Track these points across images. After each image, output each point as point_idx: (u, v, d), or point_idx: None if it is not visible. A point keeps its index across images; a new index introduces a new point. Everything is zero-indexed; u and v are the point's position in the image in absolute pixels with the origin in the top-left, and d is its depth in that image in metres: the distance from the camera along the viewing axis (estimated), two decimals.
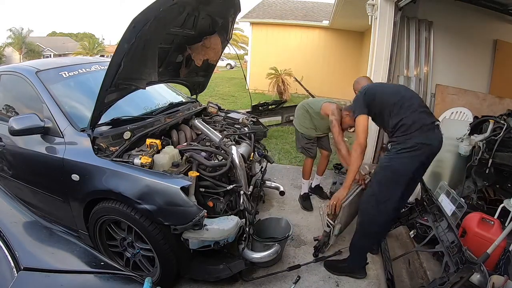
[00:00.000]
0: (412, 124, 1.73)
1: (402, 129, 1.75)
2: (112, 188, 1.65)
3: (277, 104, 5.93)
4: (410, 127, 1.73)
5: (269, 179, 2.98)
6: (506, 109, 2.76)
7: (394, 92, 1.94)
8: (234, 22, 2.52)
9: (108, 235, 1.88)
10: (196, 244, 1.63)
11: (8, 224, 1.10)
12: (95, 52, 27.42)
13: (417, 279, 2.05)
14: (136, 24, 1.52)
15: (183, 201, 1.54)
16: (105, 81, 1.63)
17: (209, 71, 2.89)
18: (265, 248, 1.94)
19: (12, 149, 2.06)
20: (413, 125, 1.73)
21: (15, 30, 27.90)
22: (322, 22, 10.09)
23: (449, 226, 1.77)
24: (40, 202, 2.05)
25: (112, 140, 1.83)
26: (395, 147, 1.77)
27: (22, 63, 2.47)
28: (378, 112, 1.92)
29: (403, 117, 1.76)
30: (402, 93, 1.89)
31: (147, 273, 1.85)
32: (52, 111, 1.90)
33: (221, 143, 2.13)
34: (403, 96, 1.86)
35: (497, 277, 1.50)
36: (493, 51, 4.03)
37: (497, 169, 2.25)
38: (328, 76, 10.03)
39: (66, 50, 30.38)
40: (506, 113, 2.42)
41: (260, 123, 3.11)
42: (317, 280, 2.03)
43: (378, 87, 2.11)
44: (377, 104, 1.90)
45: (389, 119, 1.83)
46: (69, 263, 1.05)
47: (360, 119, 1.89)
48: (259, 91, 10.31)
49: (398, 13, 3.56)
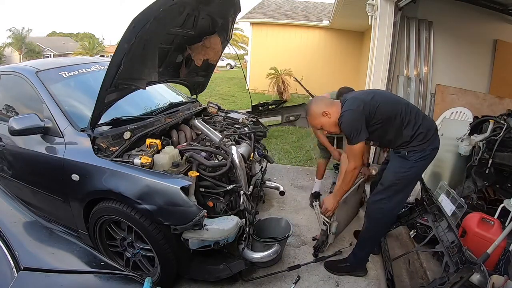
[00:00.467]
0: (428, 131, 1.72)
1: (420, 137, 1.71)
2: (112, 188, 1.65)
3: (277, 104, 5.93)
4: (427, 135, 1.71)
5: (269, 179, 2.98)
6: (506, 109, 2.77)
7: (393, 100, 1.81)
8: (234, 22, 2.52)
9: (108, 235, 1.88)
10: (196, 244, 1.63)
11: (8, 224, 1.10)
12: (95, 52, 27.42)
13: (417, 279, 2.05)
14: (136, 24, 1.51)
15: (183, 201, 1.54)
16: (105, 81, 1.63)
17: (209, 71, 2.89)
18: (265, 248, 1.94)
19: (12, 149, 2.06)
20: (429, 132, 1.72)
21: (15, 30, 27.93)
22: (322, 22, 10.10)
23: (449, 226, 1.77)
24: (40, 202, 2.05)
25: (112, 140, 1.83)
26: (414, 155, 1.72)
27: (22, 63, 2.47)
28: (383, 123, 1.72)
29: (419, 126, 1.71)
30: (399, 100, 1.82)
31: (147, 273, 1.84)
32: (52, 111, 1.90)
33: (221, 143, 2.13)
34: (405, 104, 1.78)
35: (497, 277, 1.50)
36: (493, 51, 4.02)
37: (497, 169, 2.25)
38: (328, 76, 10.02)
39: (66, 50, 30.38)
40: (506, 113, 2.42)
41: (260, 123, 3.11)
42: (317, 280, 2.03)
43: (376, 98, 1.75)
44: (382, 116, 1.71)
45: (402, 129, 1.72)
46: (69, 263, 1.05)
47: (359, 145, 1.70)
48: (259, 91, 10.32)
49: (398, 13, 3.56)
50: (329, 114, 1.76)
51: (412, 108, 1.78)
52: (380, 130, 1.75)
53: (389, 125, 1.73)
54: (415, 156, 1.72)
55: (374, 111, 1.69)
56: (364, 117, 1.68)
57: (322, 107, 1.78)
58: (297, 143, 4.95)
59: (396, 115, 1.71)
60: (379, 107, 1.70)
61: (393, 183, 1.79)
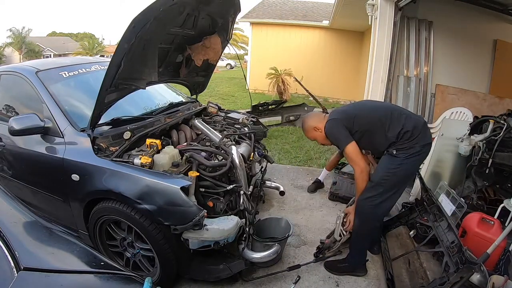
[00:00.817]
0: (414, 129, 1.75)
1: (406, 136, 1.75)
2: (112, 188, 1.65)
3: (277, 104, 5.92)
4: (413, 132, 1.75)
5: (269, 179, 2.98)
6: (506, 109, 2.77)
7: (372, 107, 1.94)
8: (234, 22, 2.52)
9: (108, 235, 1.88)
10: (196, 244, 1.63)
11: (8, 224, 1.10)
12: (95, 52, 27.42)
13: (417, 279, 2.05)
14: (136, 24, 1.51)
15: (183, 201, 1.54)
16: (105, 81, 1.63)
17: (209, 71, 2.89)
18: (265, 248, 1.94)
19: (12, 149, 2.06)
20: (415, 130, 1.75)
21: (15, 30, 27.94)
22: (322, 22, 10.09)
23: (449, 226, 1.77)
24: (40, 202, 2.05)
25: (112, 140, 1.83)
26: (404, 153, 1.76)
27: (22, 63, 2.47)
28: (365, 131, 1.83)
29: (403, 125, 1.76)
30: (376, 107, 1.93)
31: (147, 273, 1.84)
32: (52, 111, 1.90)
33: (221, 143, 2.13)
34: (386, 108, 1.88)
35: (497, 277, 1.50)
36: (493, 51, 4.03)
37: (497, 169, 2.25)
38: (328, 76, 10.03)
39: (66, 50, 30.39)
40: (506, 113, 2.41)
41: (260, 123, 3.11)
42: (317, 280, 2.03)
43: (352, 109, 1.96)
44: (361, 124, 1.82)
45: (385, 132, 1.79)
46: (69, 263, 1.05)
47: (350, 148, 1.78)
48: (259, 91, 10.32)
49: (398, 13, 3.56)
50: (319, 129, 1.93)
51: (394, 111, 1.83)
52: (365, 137, 1.85)
53: (371, 132, 1.83)
54: (404, 154, 1.77)
55: (352, 121, 1.83)
56: (343, 125, 1.82)
57: (314, 123, 1.96)
58: (297, 143, 4.95)
59: (375, 123, 1.82)
60: (356, 118, 1.84)
61: (382, 179, 1.81)
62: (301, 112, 5.92)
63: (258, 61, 10.68)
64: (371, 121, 1.83)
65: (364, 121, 1.84)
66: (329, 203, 3.06)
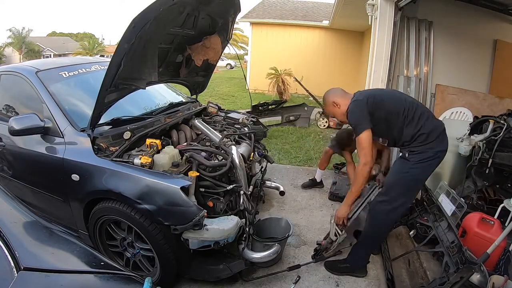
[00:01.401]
0: (430, 133, 1.71)
1: (421, 139, 1.71)
2: (112, 188, 1.65)
3: (277, 104, 5.94)
4: (428, 136, 1.70)
5: (269, 179, 2.98)
6: (506, 109, 2.77)
7: (397, 98, 1.85)
8: (234, 22, 2.53)
9: (108, 235, 1.88)
10: (196, 244, 1.63)
11: (8, 224, 1.10)
12: (95, 52, 27.41)
13: (417, 279, 2.05)
14: (136, 24, 1.52)
15: (183, 201, 1.54)
16: (105, 81, 1.63)
17: (209, 71, 2.89)
18: (265, 248, 1.94)
19: (12, 149, 2.06)
20: (431, 134, 1.71)
21: (15, 30, 27.95)
22: (322, 22, 10.10)
23: (449, 226, 1.77)
24: (40, 202, 2.05)
25: (112, 140, 1.83)
26: (415, 157, 1.72)
27: (22, 63, 2.47)
28: (385, 118, 1.77)
29: (421, 126, 1.71)
30: (405, 98, 1.84)
31: (147, 273, 1.84)
32: (52, 111, 1.90)
33: (221, 143, 2.13)
34: (411, 102, 1.79)
35: (497, 277, 1.50)
36: (493, 51, 4.02)
37: (497, 169, 2.25)
38: (328, 76, 10.01)
39: (66, 50, 30.37)
40: (506, 113, 2.42)
41: (260, 123, 3.11)
42: (317, 280, 2.03)
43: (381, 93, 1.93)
44: (385, 111, 1.77)
45: (402, 127, 1.73)
46: (69, 263, 1.05)
47: (364, 136, 1.72)
48: (259, 91, 10.31)
49: (398, 13, 3.56)
50: (338, 105, 1.88)
51: (418, 108, 1.77)
52: (384, 125, 1.79)
53: (391, 121, 1.77)
54: (414, 158, 1.72)
55: (377, 105, 1.77)
56: (367, 109, 1.75)
57: (333, 98, 1.91)
58: (297, 143, 4.95)
59: (399, 112, 1.75)
60: (383, 102, 1.79)
61: (394, 184, 1.79)
62: (301, 112, 5.93)
63: (258, 61, 10.69)
64: (394, 111, 1.76)
65: (388, 109, 1.77)
66: (329, 203, 3.06)
